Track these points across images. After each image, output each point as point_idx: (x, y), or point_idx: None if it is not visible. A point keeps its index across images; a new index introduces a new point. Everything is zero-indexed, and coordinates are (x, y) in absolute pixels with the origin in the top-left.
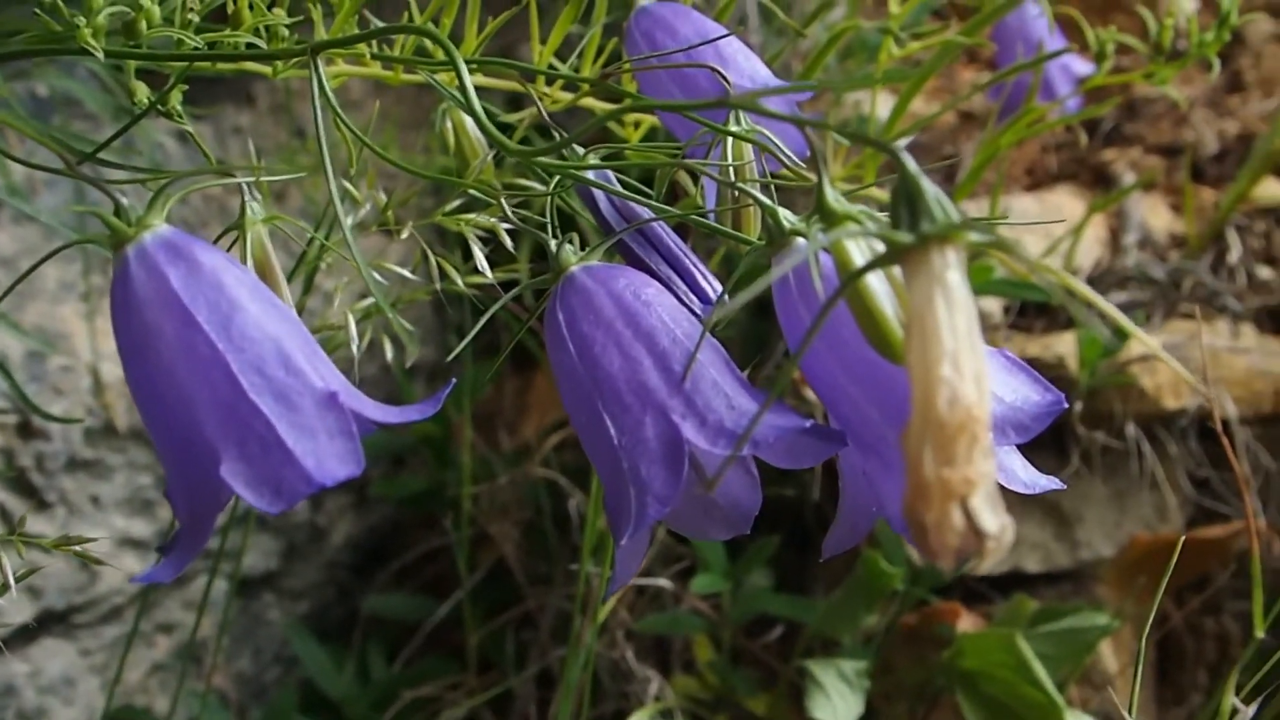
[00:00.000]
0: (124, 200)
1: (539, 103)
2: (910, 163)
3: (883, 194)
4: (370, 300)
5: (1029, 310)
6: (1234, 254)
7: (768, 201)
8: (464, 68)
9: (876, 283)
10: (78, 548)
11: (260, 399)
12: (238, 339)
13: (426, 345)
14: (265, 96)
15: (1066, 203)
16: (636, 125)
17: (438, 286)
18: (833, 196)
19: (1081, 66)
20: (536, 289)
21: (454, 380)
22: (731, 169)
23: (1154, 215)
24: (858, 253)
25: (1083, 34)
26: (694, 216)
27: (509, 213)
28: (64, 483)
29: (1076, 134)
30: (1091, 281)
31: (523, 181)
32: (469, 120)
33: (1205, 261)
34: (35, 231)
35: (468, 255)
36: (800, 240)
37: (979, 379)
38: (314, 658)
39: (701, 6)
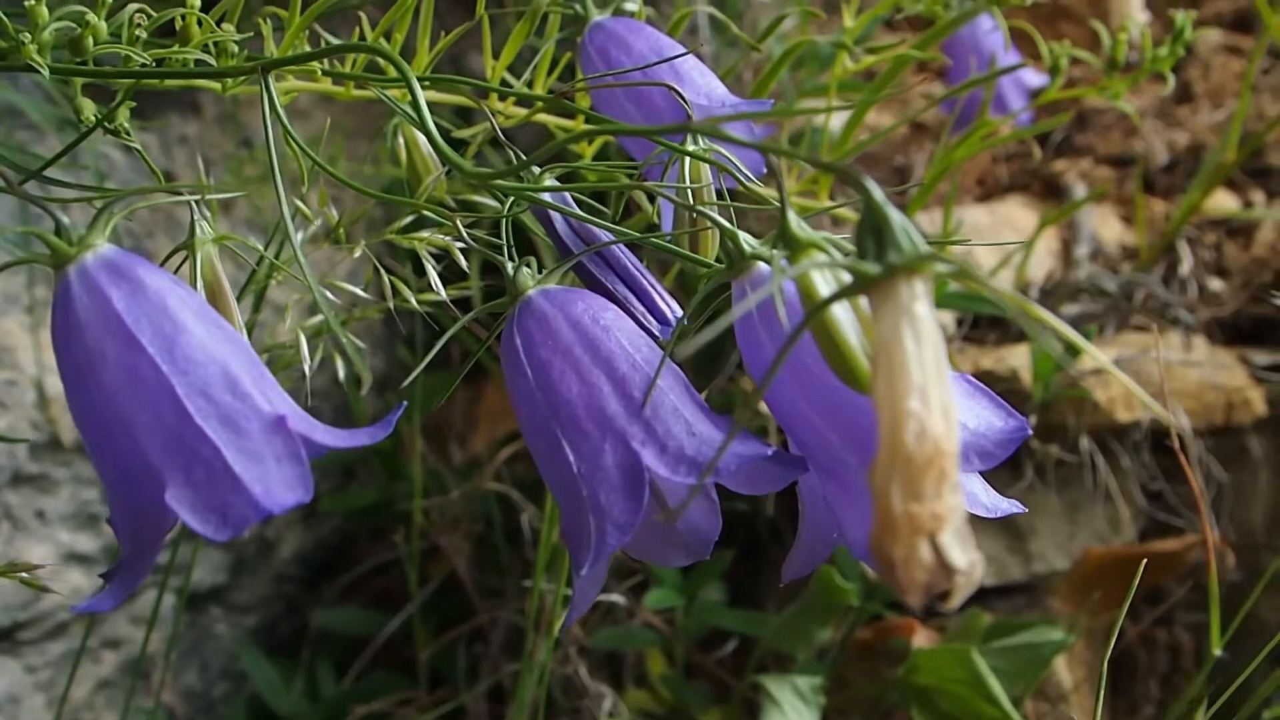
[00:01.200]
0: (65, 219)
1: (493, 120)
2: (876, 191)
3: (845, 213)
4: (321, 317)
5: (981, 322)
6: (1185, 266)
7: (727, 225)
8: (418, 89)
9: (841, 311)
10: (24, 574)
11: (206, 423)
12: (183, 362)
13: (376, 356)
14: (212, 106)
15: (1018, 214)
16: (590, 141)
17: (390, 304)
18: (795, 223)
19: (1033, 78)
20: (491, 305)
21: (405, 403)
22: (688, 187)
23: (1105, 227)
24: (823, 282)
25: (1034, 44)
26: (652, 239)
27: (464, 234)
28: (8, 498)
29: (1030, 147)
30: (1044, 294)
31: (476, 198)
32: (421, 136)
33: (1157, 273)
34: None
35: (418, 268)
36: (761, 265)
37: (947, 411)
38: (263, 673)
39: (655, 19)
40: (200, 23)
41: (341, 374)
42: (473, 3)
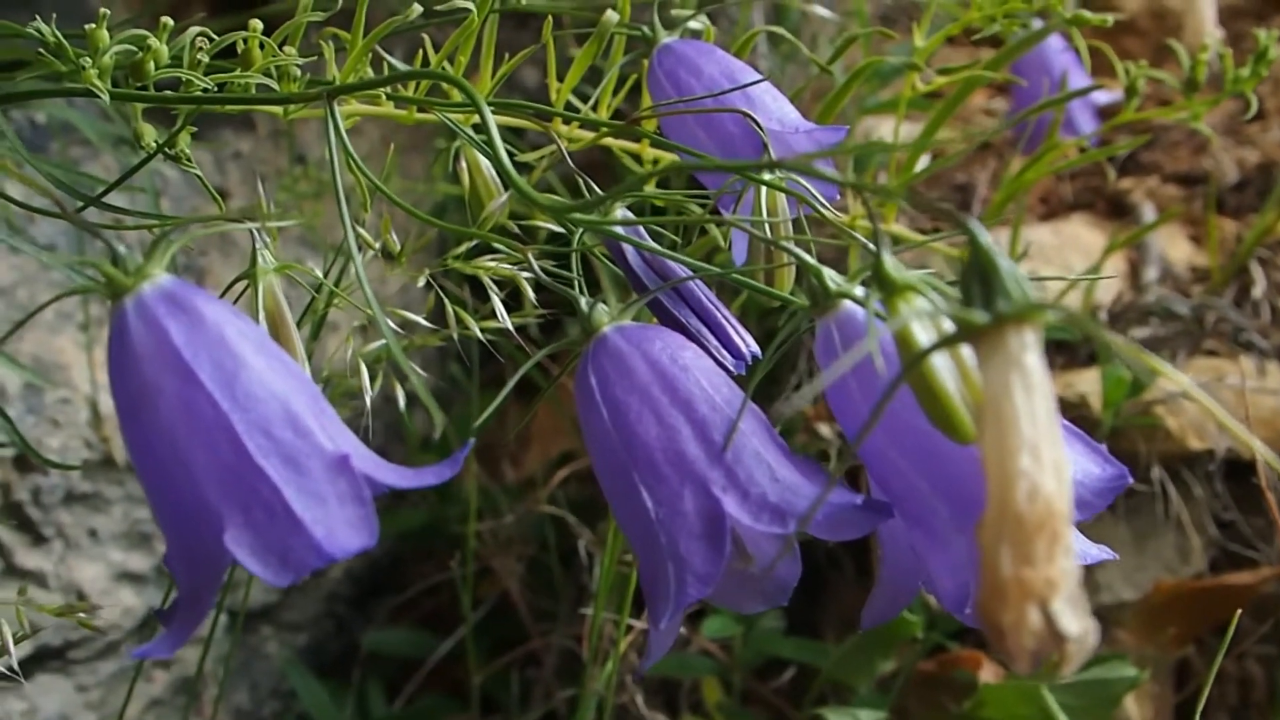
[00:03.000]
0: (121, 248)
1: (562, 147)
2: (983, 235)
3: (902, 231)
4: (380, 343)
5: (1048, 346)
6: (1258, 288)
7: (811, 260)
8: (491, 120)
9: (939, 357)
10: (82, 615)
11: (266, 462)
12: (242, 397)
13: (426, 372)
14: (266, 123)
15: (1083, 233)
16: (655, 163)
17: (454, 334)
18: (892, 264)
19: (1101, 95)
20: (543, 316)
21: (470, 441)
22: (766, 220)
23: (1174, 247)
24: (922, 329)
25: (1100, 59)
26: (731, 275)
27: (535, 267)
28: (61, 516)
29: (1103, 168)
30: (1112, 317)
31: (538, 223)
32: (483, 159)
33: (1229, 296)
34: (33, 260)
35: (475, 288)
36: (846, 303)
37: (1059, 470)
38: (312, 694)
39: (720, 39)
40: (262, 45)
41: (402, 403)
42: (528, 22)
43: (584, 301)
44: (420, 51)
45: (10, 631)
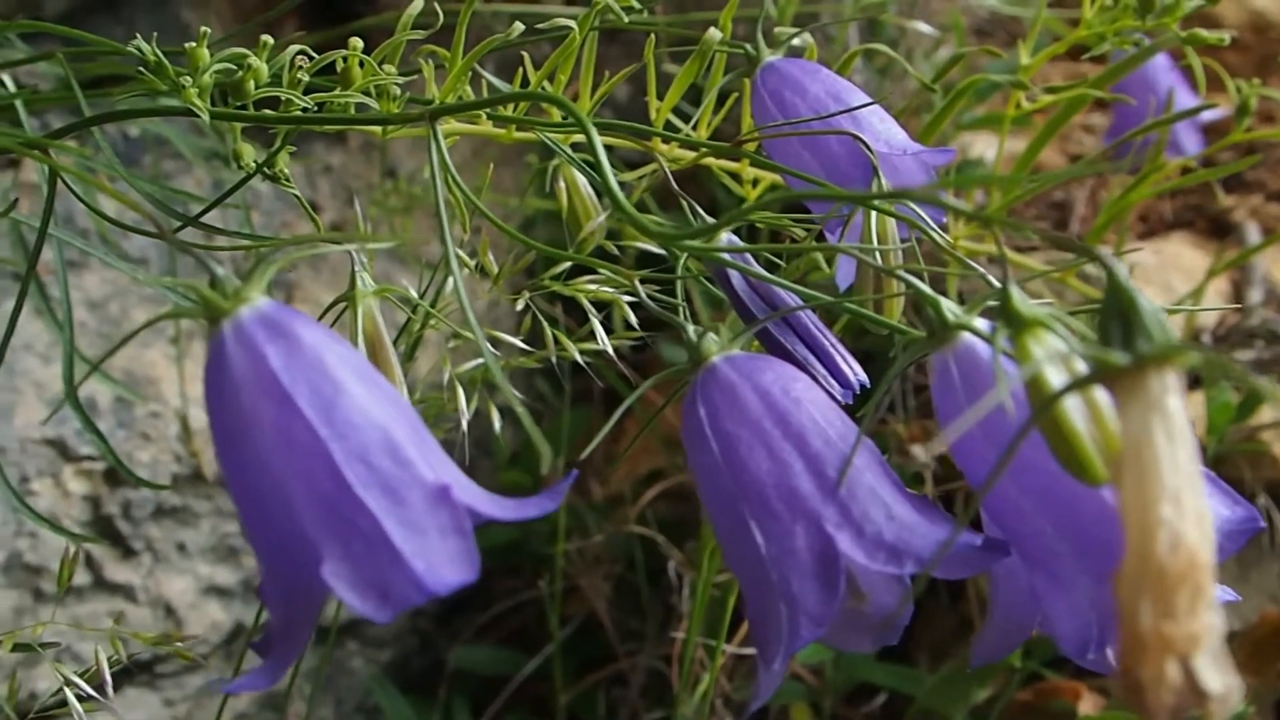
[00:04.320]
0: (219, 270)
1: (666, 169)
2: (1122, 272)
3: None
4: (476, 363)
5: None
6: None
7: (927, 290)
8: (599, 144)
9: (1070, 398)
10: (180, 644)
11: (365, 493)
12: (341, 425)
13: (514, 386)
14: (357, 136)
15: (1184, 253)
16: (755, 183)
17: (552, 357)
18: (1020, 299)
19: (1207, 113)
20: (640, 339)
21: (575, 472)
22: (877, 249)
23: (1278, 268)
24: (1054, 370)
25: (1196, 75)
26: (835, 301)
27: (642, 294)
28: (150, 530)
29: (1208, 187)
30: (1216, 340)
31: (638, 244)
32: (581, 178)
33: None
34: (122, 265)
35: (565, 305)
36: (965, 336)
37: (1202, 519)
38: (397, 709)
39: (819, 55)
40: (361, 63)
41: (497, 424)
42: (617, 35)
43: (691, 330)
44: (519, 70)
45: (105, 656)
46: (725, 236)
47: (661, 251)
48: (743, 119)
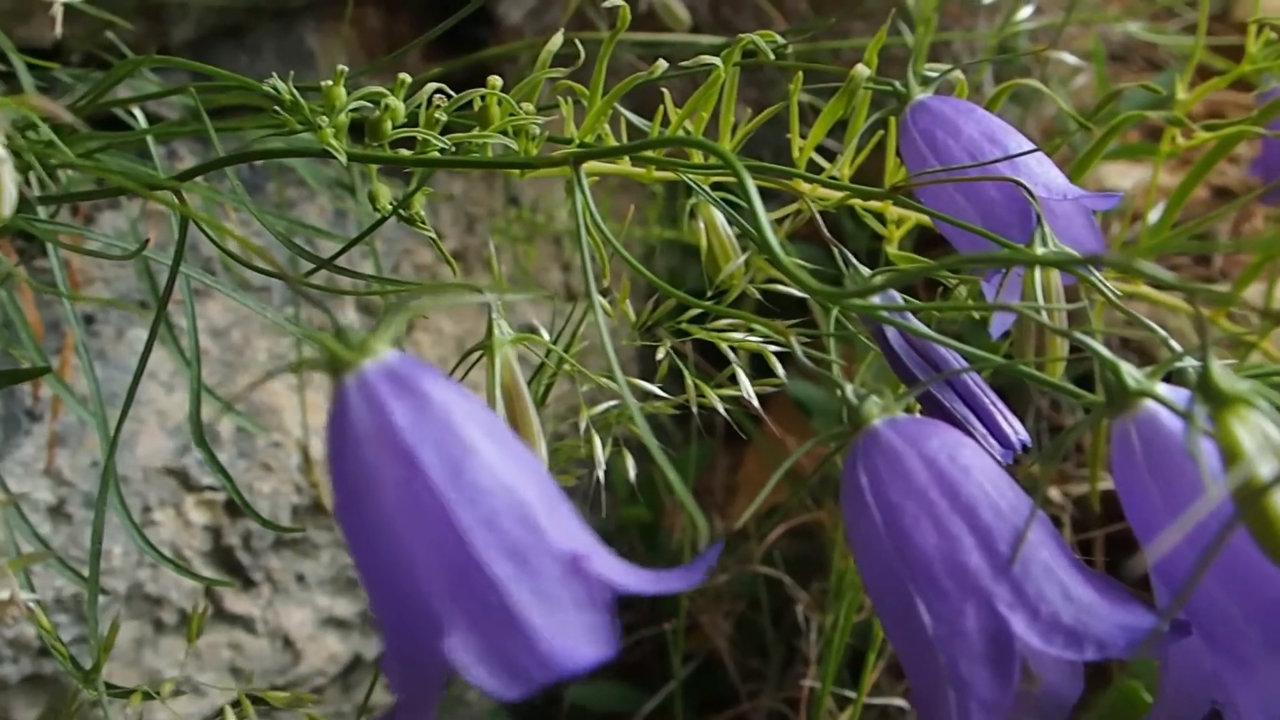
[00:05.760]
0: (344, 320)
1: (815, 213)
2: None
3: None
4: (607, 405)
5: None
6: None
7: (1107, 354)
8: (754, 190)
9: (1270, 474)
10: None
11: (494, 561)
12: (469, 489)
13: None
14: None
15: None
16: (898, 224)
17: (693, 406)
18: (1221, 373)
19: None
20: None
21: (720, 543)
22: (1044, 307)
23: None
24: (1261, 455)
25: None
26: (1001, 363)
27: (799, 351)
28: (270, 561)
29: None
30: None
31: (778, 287)
32: (719, 216)
33: None
34: (248, 300)
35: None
36: (1148, 403)
37: None
38: None
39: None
40: (499, 102)
41: (633, 473)
42: (750, 70)
43: (850, 390)
44: (659, 108)
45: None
46: (883, 292)
47: (796, 291)
48: (886, 157)
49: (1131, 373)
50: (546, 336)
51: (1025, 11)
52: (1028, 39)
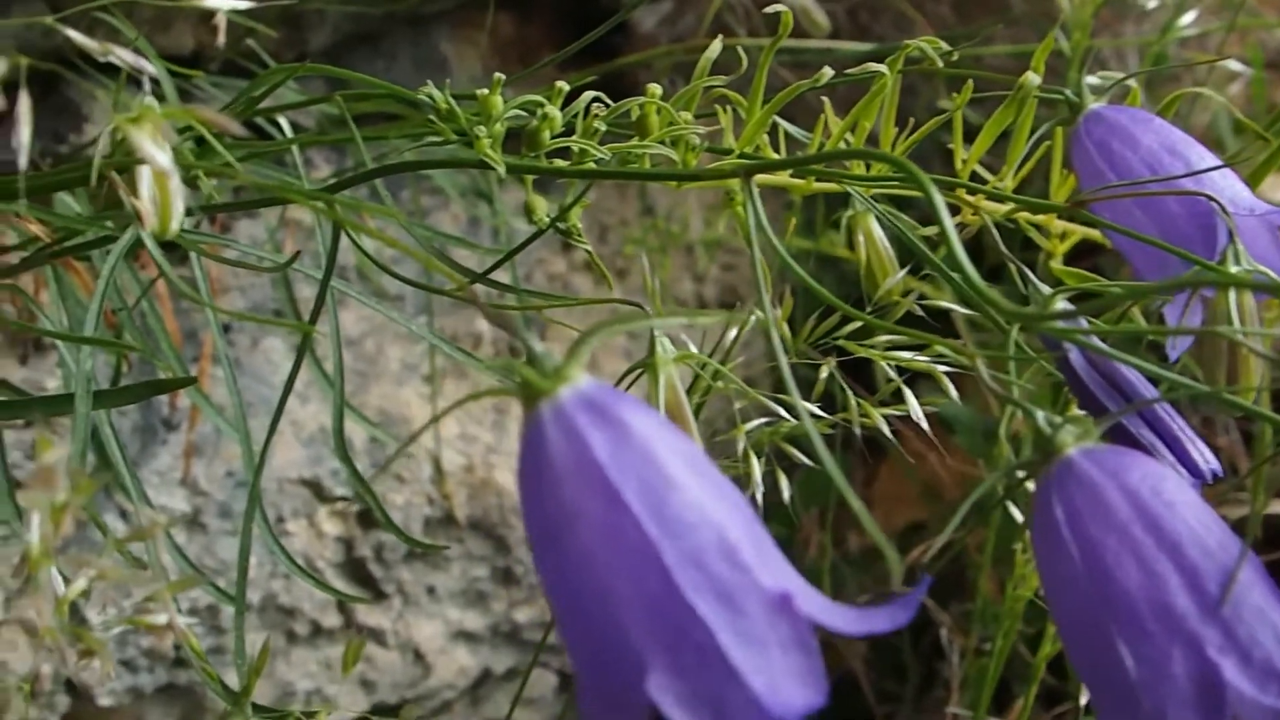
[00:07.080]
0: (539, 346)
1: (996, 234)
2: None
3: None
4: (757, 423)
5: None
6: None
7: None
8: (941, 205)
9: None
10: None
11: (699, 599)
12: (673, 524)
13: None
14: None
15: None
16: (1063, 237)
17: (856, 428)
18: None
19: None
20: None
21: (930, 579)
22: (1240, 332)
23: None
24: None
25: None
26: (1202, 390)
27: (985, 376)
28: (402, 573)
29: None
30: None
31: (940, 304)
32: (878, 231)
33: None
34: (391, 312)
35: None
36: None
37: None
38: None
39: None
40: (658, 110)
41: (786, 494)
42: (902, 82)
43: (1042, 417)
44: (820, 118)
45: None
46: (1061, 307)
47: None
48: (1052, 169)
49: None
50: (694, 349)
51: (1188, 18)
52: (1177, 45)
